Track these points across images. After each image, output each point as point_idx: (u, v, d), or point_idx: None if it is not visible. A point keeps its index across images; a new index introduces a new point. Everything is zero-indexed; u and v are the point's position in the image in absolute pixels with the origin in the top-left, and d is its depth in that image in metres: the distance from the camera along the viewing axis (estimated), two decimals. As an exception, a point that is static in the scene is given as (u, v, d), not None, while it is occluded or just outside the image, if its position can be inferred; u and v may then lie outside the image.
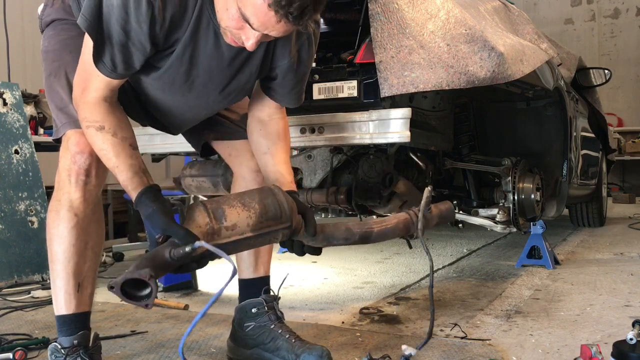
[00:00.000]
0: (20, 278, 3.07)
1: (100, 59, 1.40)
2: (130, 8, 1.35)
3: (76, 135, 1.55)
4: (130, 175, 1.41)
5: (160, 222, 1.34)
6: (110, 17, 1.36)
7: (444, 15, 2.33)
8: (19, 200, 3.23)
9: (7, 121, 3.33)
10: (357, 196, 2.69)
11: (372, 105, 2.36)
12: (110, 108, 1.47)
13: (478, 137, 3.28)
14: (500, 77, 2.29)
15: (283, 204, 1.45)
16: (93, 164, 1.56)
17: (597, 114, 4.66)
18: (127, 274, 1.22)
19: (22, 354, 1.81)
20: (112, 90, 1.47)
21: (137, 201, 1.39)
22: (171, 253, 1.28)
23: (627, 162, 8.68)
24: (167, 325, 2.26)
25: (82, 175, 1.56)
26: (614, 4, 9.26)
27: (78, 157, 1.55)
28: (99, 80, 1.44)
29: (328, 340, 1.98)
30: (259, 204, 1.42)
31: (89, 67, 1.43)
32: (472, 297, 2.62)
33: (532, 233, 3.23)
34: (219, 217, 1.37)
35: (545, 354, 1.82)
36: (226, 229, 1.37)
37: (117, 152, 1.43)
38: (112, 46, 1.39)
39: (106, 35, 1.38)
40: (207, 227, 1.35)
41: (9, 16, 5.09)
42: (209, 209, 1.38)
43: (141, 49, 1.41)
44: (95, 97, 1.45)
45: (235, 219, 1.39)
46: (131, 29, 1.37)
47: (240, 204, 1.41)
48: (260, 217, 1.41)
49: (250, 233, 1.41)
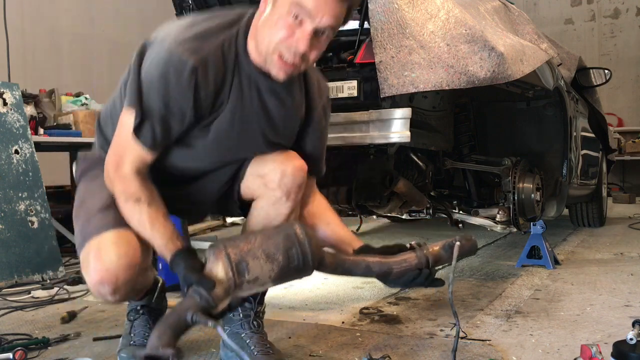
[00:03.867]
0: (20, 278, 3.07)
1: (141, 132, 1.45)
2: (170, 77, 1.39)
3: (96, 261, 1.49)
4: (165, 242, 1.47)
5: (188, 280, 1.39)
6: (150, 90, 1.41)
7: (444, 15, 2.33)
8: (19, 200, 3.23)
9: (7, 121, 3.33)
10: (357, 196, 2.69)
11: (372, 105, 2.36)
12: (144, 180, 1.51)
13: (478, 137, 3.28)
14: (500, 77, 2.29)
15: (307, 255, 1.42)
16: (118, 286, 1.49)
17: (597, 114, 4.66)
18: (151, 349, 1.24)
19: (22, 354, 1.81)
20: (145, 165, 1.51)
21: (170, 264, 1.46)
22: (193, 318, 1.31)
23: (627, 162, 8.67)
24: (167, 325, 2.25)
25: (109, 298, 1.52)
26: (614, 4, 9.25)
27: (101, 289, 1.49)
28: (134, 155, 1.48)
29: (328, 340, 1.98)
30: (283, 255, 1.40)
31: (125, 143, 1.48)
32: (472, 297, 2.62)
33: (532, 233, 3.23)
34: (242, 271, 1.38)
35: (545, 354, 1.82)
36: (248, 282, 1.39)
37: (152, 223, 1.48)
38: (152, 119, 1.44)
39: (147, 109, 1.43)
40: (229, 282, 1.37)
41: (9, 16, 5.09)
42: (233, 262, 1.37)
43: (181, 118, 1.46)
44: (130, 170, 1.49)
45: (258, 272, 1.39)
46: (170, 99, 1.42)
47: (264, 256, 1.39)
48: (283, 269, 1.40)
49: (271, 284, 1.43)
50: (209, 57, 1.42)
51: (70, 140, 3.99)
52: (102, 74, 6.29)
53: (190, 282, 1.38)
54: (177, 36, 1.43)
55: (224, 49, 1.46)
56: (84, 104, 4.22)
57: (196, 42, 1.42)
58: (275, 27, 1.40)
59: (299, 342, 1.98)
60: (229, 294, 1.37)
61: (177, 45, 1.40)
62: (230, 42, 1.47)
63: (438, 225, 5.07)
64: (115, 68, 6.39)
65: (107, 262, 1.47)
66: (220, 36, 1.46)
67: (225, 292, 1.37)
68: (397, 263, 1.53)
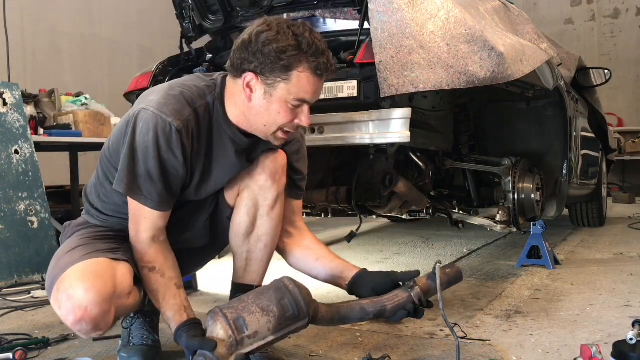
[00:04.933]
0: (20, 278, 3.07)
1: (143, 195, 1.56)
2: (161, 142, 1.52)
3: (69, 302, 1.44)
4: (172, 315, 1.55)
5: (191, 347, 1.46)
6: (148, 157, 1.52)
7: (444, 15, 2.33)
8: (19, 200, 3.23)
9: (7, 121, 3.33)
10: (357, 196, 2.69)
11: (372, 105, 2.35)
12: (160, 248, 1.61)
13: (478, 137, 3.28)
14: (500, 77, 2.29)
15: (300, 303, 1.51)
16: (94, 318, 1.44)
17: (597, 114, 4.66)
18: None
19: (22, 354, 1.81)
20: (159, 229, 1.61)
21: (175, 335, 1.53)
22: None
23: (627, 162, 8.68)
24: (167, 325, 2.25)
25: (93, 334, 1.49)
26: (614, 4, 9.25)
27: (78, 327, 1.45)
28: (147, 221, 1.58)
29: (328, 340, 1.98)
30: (277, 306, 1.48)
31: (136, 211, 1.59)
32: (472, 297, 2.62)
33: (532, 233, 3.23)
34: (241, 327, 1.45)
35: (545, 354, 1.82)
36: (248, 338, 1.45)
37: (163, 294, 1.58)
38: (152, 181, 1.54)
39: (144, 175, 1.54)
40: (231, 340, 1.43)
41: (9, 16, 5.09)
42: (230, 320, 1.45)
43: (176, 175, 1.58)
44: (147, 237, 1.59)
45: (256, 326, 1.46)
46: (164, 161, 1.54)
47: (259, 310, 1.47)
48: (279, 319, 1.48)
49: (272, 337, 1.47)
50: (189, 121, 1.56)
51: (70, 140, 3.99)
52: (102, 74, 6.29)
53: (194, 348, 1.45)
54: (158, 103, 1.54)
55: (199, 115, 1.59)
56: (84, 104, 4.22)
57: (178, 106, 1.55)
58: (278, 115, 1.56)
59: (299, 342, 1.98)
60: (233, 352, 1.44)
61: (161, 112, 1.52)
62: (205, 110, 1.61)
63: (438, 225, 5.08)
64: (115, 68, 6.41)
65: (76, 300, 1.42)
66: (197, 103, 1.59)
67: (228, 350, 1.43)
68: (390, 299, 1.62)
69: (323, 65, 1.53)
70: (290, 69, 1.51)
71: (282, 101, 1.54)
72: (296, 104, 1.55)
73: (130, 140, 1.53)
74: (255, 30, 1.53)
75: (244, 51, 1.53)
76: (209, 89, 1.63)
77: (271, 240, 1.78)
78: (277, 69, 1.51)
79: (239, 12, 3.02)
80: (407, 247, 4.20)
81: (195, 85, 1.63)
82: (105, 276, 1.49)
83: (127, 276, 1.56)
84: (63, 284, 1.46)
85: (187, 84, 1.63)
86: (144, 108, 1.54)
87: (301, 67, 1.51)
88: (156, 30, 6.58)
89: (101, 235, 1.69)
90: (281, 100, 1.54)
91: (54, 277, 1.53)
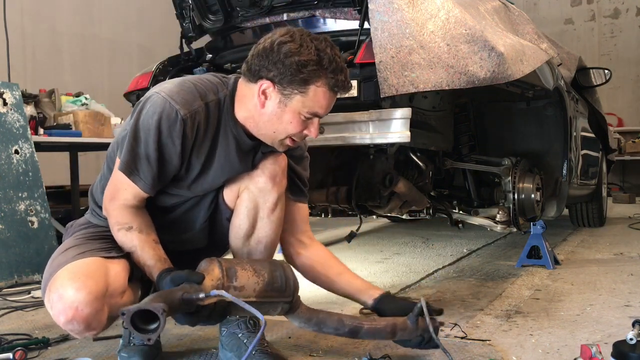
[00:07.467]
0: (20, 278, 3.07)
1: (139, 176, 1.56)
2: (163, 126, 1.52)
3: (60, 302, 1.43)
4: (153, 263, 1.54)
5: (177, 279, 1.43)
6: (148, 138, 1.53)
7: (444, 15, 2.33)
8: (19, 200, 3.23)
9: (7, 121, 3.33)
10: (357, 196, 2.69)
11: (372, 105, 2.35)
12: (137, 211, 1.61)
13: (478, 137, 3.28)
14: (500, 77, 2.29)
15: (289, 281, 1.55)
16: (86, 318, 1.42)
17: (597, 114, 4.66)
18: (142, 304, 1.26)
19: (22, 354, 1.81)
20: (140, 201, 1.61)
21: (157, 280, 1.50)
22: (183, 295, 1.35)
23: (627, 162, 8.68)
24: (168, 325, 2.25)
25: (87, 334, 1.48)
26: (614, 4, 9.25)
27: (69, 327, 1.44)
28: (128, 192, 1.58)
29: (328, 340, 1.98)
30: (269, 274, 1.52)
31: (119, 183, 1.59)
32: (472, 297, 2.62)
33: (532, 233, 3.23)
34: (231, 276, 1.47)
35: (545, 354, 1.82)
36: (234, 289, 1.46)
37: (142, 247, 1.56)
38: (149, 163, 1.55)
39: (144, 156, 1.54)
40: (218, 282, 1.44)
41: (9, 16, 5.09)
42: (224, 266, 1.47)
43: (170, 162, 1.57)
44: (123, 202, 1.59)
45: (245, 282, 1.48)
46: (163, 146, 1.54)
47: (252, 269, 1.51)
48: (266, 285, 1.51)
49: (254, 299, 1.48)
50: (197, 113, 1.56)
51: (70, 140, 3.99)
52: (102, 74, 6.29)
53: (180, 280, 1.42)
54: (171, 90, 1.56)
55: (209, 109, 1.60)
56: (84, 104, 4.22)
57: (189, 97, 1.56)
58: (289, 125, 1.58)
59: (299, 342, 1.98)
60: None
61: (171, 98, 1.53)
62: (216, 105, 1.61)
63: (438, 225, 5.08)
64: (115, 68, 6.41)
65: (66, 299, 1.41)
66: (208, 97, 1.60)
67: (213, 289, 1.41)
68: (368, 321, 1.68)
69: (341, 82, 1.57)
70: (308, 82, 1.52)
71: (295, 112, 1.56)
72: (308, 116, 1.57)
73: (136, 119, 1.55)
74: (278, 39, 1.53)
75: (264, 59, 1.53)
76: (222, 87, 1.65)
77: (271, 243, 1.77)
78: (296, 81, 1.52)
79: (239, 12, 3.02)
80: (407, 247, 4.20)
81: (209, 80, 1.65)
82: (97, 275, 1.48)
83: (121, 275, 1.55)
84: (54, 284, 1.46)
85: (202, 78, 1.66)
86: (157, 92, 1.56)
87: (319, 82, 1.53)
88: (156, 30, 6.58)
89: (98, 235, 1.68)
90: (294, 112, 1.56)
91: (47, 277, 1.53)
